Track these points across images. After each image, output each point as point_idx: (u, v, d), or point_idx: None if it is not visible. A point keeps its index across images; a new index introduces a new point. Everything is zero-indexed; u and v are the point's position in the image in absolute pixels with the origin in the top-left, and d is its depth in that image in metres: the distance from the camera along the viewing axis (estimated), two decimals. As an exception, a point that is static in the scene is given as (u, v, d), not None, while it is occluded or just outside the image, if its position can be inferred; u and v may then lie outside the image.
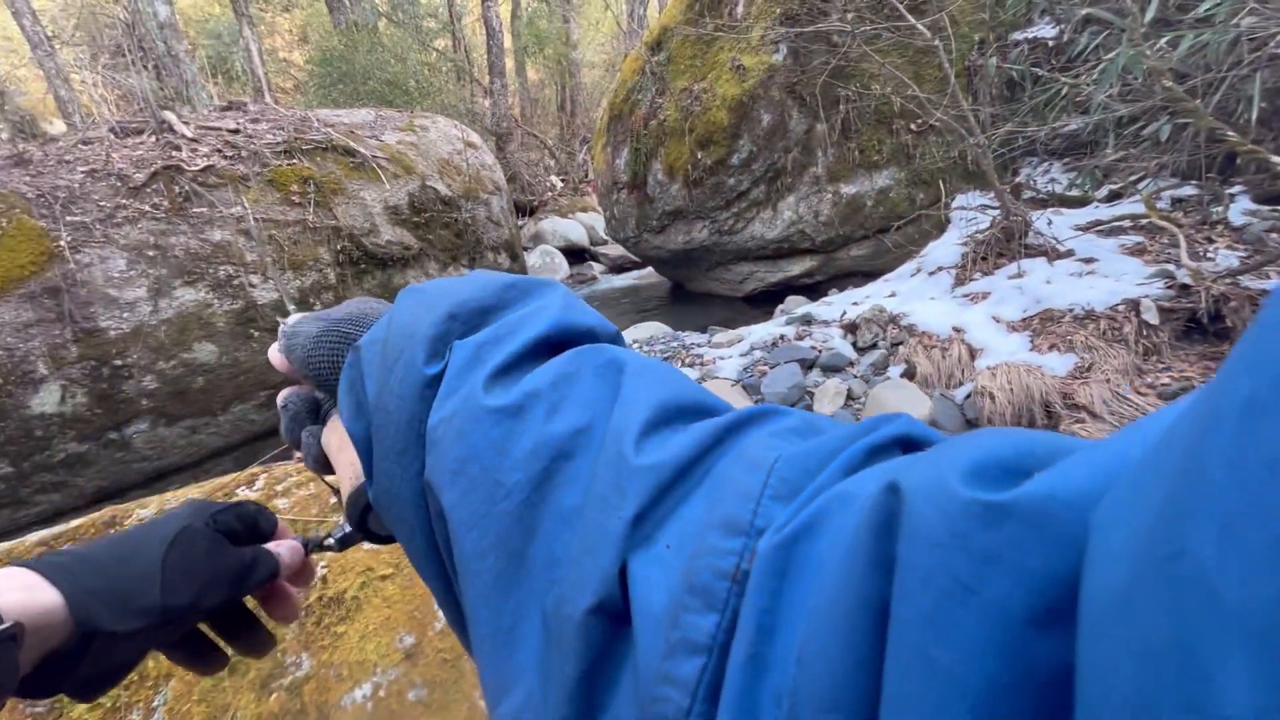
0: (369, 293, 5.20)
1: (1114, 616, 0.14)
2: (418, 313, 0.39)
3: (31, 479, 3.77)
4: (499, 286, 0.40)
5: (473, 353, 0.36)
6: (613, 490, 0.29)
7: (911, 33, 4.33)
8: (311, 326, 0.45)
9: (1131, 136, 4.11)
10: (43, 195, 3.99)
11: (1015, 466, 0.19)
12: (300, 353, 0.44)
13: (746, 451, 0.29)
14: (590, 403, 0.33)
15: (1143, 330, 2.99)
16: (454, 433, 0.34)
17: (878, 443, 0.28)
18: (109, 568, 0.41)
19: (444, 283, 0.41)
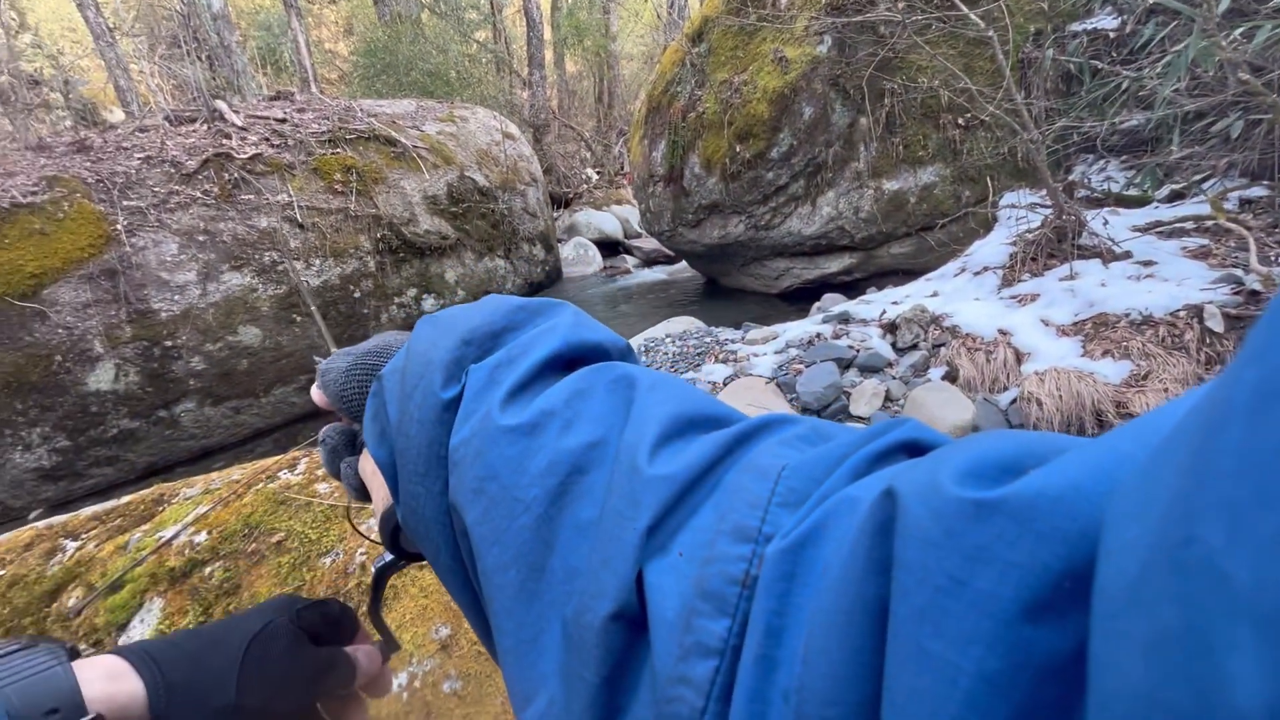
0: (406, 281, 5.29)
1: (1125, 607, 0.13)
2: (434, 340, 0.40)
3: (87, 452, 3.94)
4: (509, 309, 0.42)
5: (488, 375, 0.37)
6: (627, 502, 0.30)
7: (964, 23, 4.18)
8: (341, 362, 0.46)
9: (1198, 134, 3.90)
10: (102, 180, 4.15)
11: (1011, 466, 0.20)
12: (334, 388, 0.46)
13: (755, 460, 0.30)
14: (603, 418, 0.34)
15: (1206, 338, 2.83)
16: (473, 453, 0.35)
17: (883, 448, 0.28)
18: (191, 661, 0.40)
19: (458, 310, 0.43)
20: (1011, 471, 0.19)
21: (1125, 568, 0.14)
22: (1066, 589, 0.16)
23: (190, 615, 0.91)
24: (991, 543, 0.17)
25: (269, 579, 0.95)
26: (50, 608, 0.94)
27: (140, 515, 1.07)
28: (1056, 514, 0.17)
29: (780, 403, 3.23)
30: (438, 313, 0.43)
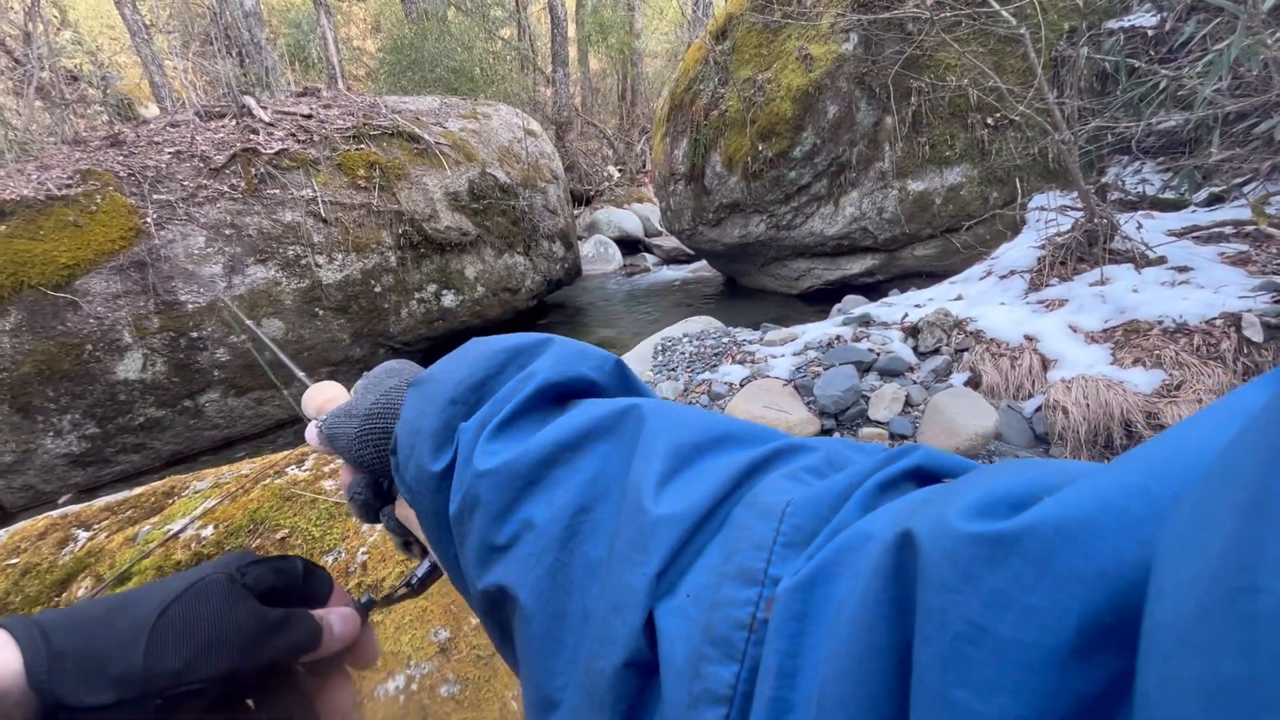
0: (427, 277, 5.33)
1: (1179, 648, 0.13)
2: (420, 407, 0.40)
3: (115, 440, 4.04)
4: (490, 356, 0.41)
5: (474, 437, 0.37)
6: (635, 546, 0.29)
7: (994, 20, 4.07)
8: (349, 427, 0.45)
9: (1240, 135, 3.76)
10: (133, 174, 4.25)
11: (1022, 499, 0.19)
12: (350, 455, 0.46)
13: (760, 497, 0.29)
14: (604, 455, 0.34)
15: (1243, 347, 2.73)
16: (469, 510, 0.35)
17: (890, 477, 0.28)
18: (90, 627, 0.34)
19: (442, 367, 0.42)
20: (1022, 505, 0.19)
21: (1181, 610, 0.13)
22: (1089, 631, 0.16)
23: (195, 609, 0.92)
24: (1009, 586, 0.17)
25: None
26: (60, 597, 0.95)
27: (150, 507, 1.08)
28: (1072, 555, 0.16)
29: (797, 405, 3.19)
30: (427, 372, 0.43)
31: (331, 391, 0.53)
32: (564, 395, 0.40)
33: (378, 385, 0.48)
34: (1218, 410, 0.18)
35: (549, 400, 0.39)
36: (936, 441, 2.79)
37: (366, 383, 0.49)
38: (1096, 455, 2.73)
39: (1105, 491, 0.17)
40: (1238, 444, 0.15)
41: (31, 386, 3.72)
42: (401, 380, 0.48)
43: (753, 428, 0.36)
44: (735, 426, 0.35)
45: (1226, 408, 0.18)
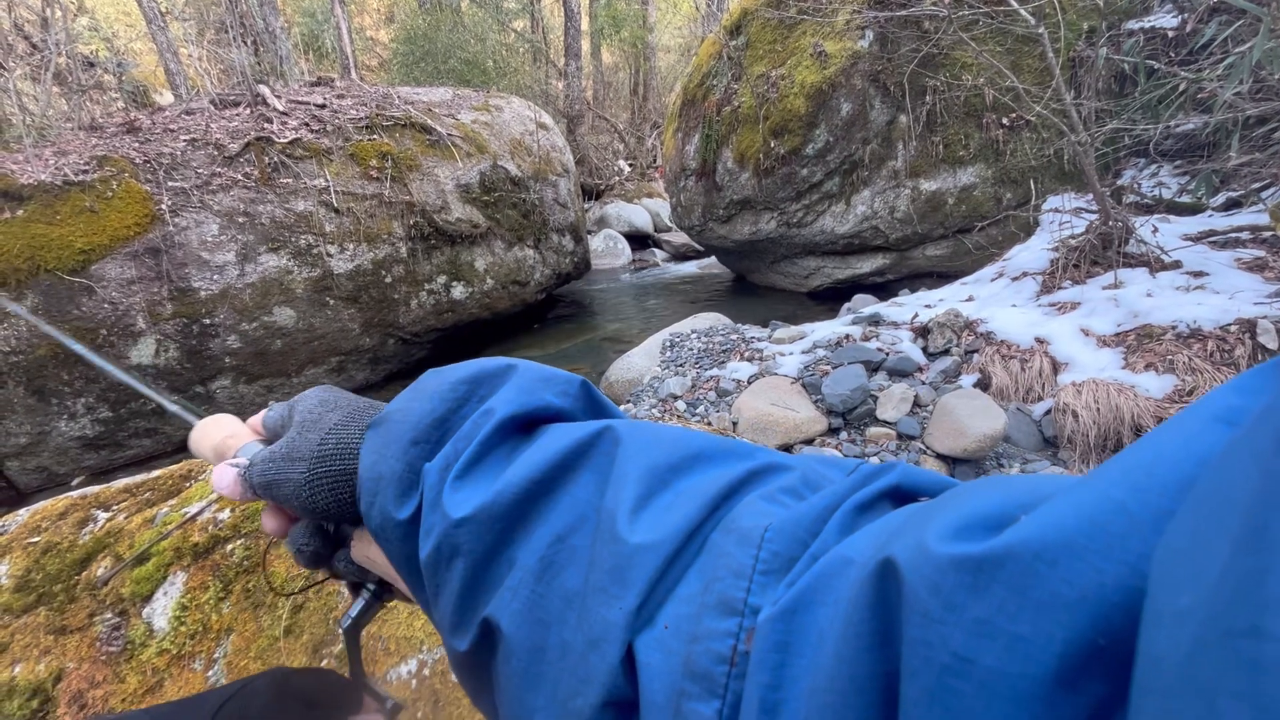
0: (437, 268, 5.34)
1: (1178, 685, 0.13)
2: (381, 450, 0.38)
3: (128, 424, 4.09)
4: (449, 388, 0.40)
5: (439, 480, 0.36)
6: (612, 578, 0.29)
7: (1012, 19, 4.04)
8: (295, 472, 0.41)
9: (1260, 139, 3.71)
10: (149, 161, 4.28)
11: (999, 518, 0.19)
12: (299, 503, 0.42)
13: (738, 521, 0.29)
14: (578, 483, 0.33)
15: (1258, 354, 2.70)
16: (446, 558, 0.34)
17: (868, 498, 0.28)
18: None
19: (401, 404, 0.40)
20: (1001, 524, 0.19)
21: (1177, 640, 0.13)
22: (1075, 659, 0.16)
23: (211, 590, 0.93)
24: (993, 616, 0.17)
25: (287, 559, 0.97)
26: (80, 576, 0.97)
27: (168, 490, 1.09)
28: (1053, 579, 0.16)
29: (805, 403, 3.19)
30: (384, 410, 0.41)
31: (230, 427, 0.49)
32: (530, 423, 0.38)
33: (315, 422, 0.43)
34: (1192, 416, 0.18)
35: (514, 431, 0.38)
36: (945, 443, 2.79)
37: (301, 418, 0.44)
38: (1106, 459, 2.71)
39: (1082, 509, 0.17)
40: (1229, 463, 0.14)
41: (46, 370, 3.76)
42: (343, 415, 0.44)
43: (727, 444, 0.35)
44: (709, 444, 0.35)
45: (1201, 413, 0.17)
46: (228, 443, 0.47)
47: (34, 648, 0.89)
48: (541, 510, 0.33)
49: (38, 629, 0.91)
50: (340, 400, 0.46)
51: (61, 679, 0.86)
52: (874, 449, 2.95)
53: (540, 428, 0.38)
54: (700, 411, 3.41)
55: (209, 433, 0.48)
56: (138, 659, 0.87)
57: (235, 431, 0.48)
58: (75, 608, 0.92)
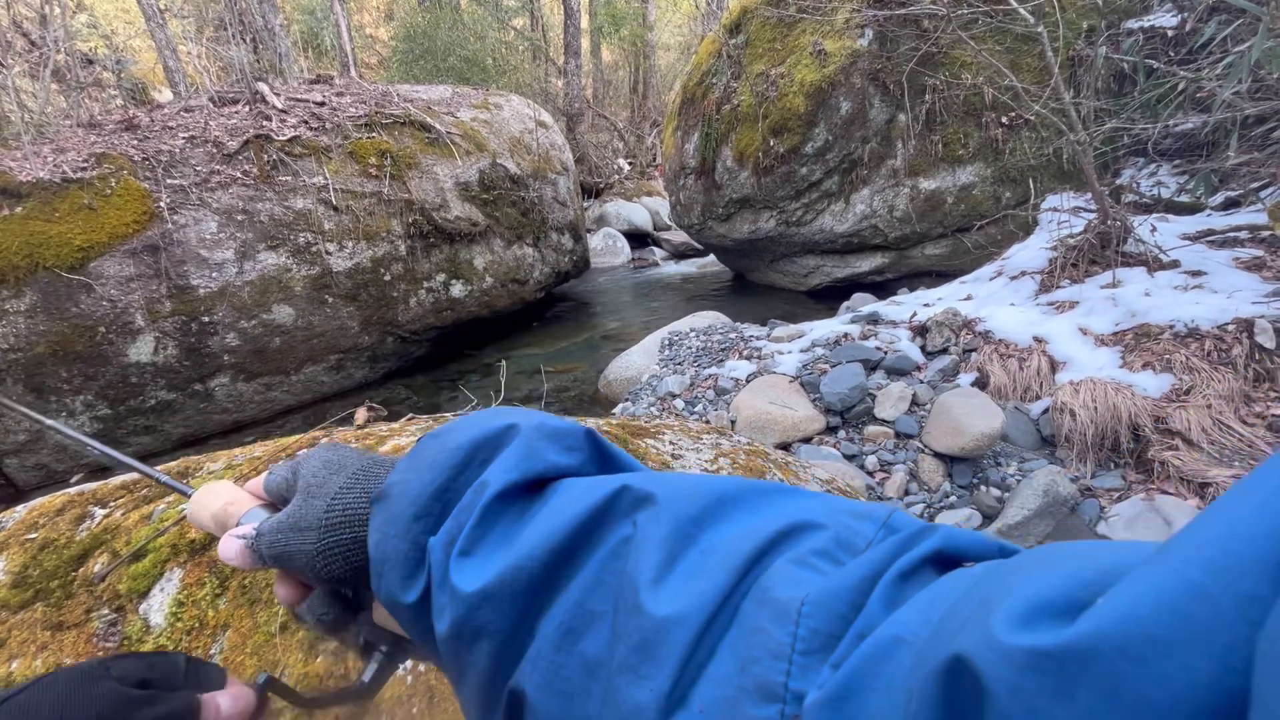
0: (436, 266, 5.34)
1: None
2: (385, 529, 0.37)
3: (126, 421, 4.09)
4: (447, 456, 0.38)
5: (444, 556, 0.35)
6: (640, 655, 0.27)
7: (1012, 18, 4.03)
8: (305, 543, 0.40)
9: (1259, 139, 3.72)
10: (148, 158, 4.27)
11: (1073, 601, 0.18)
12: (312, 573, 0.41)
13: (771, 591, 0.27)
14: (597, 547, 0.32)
15: (1255, 353, 2.71)
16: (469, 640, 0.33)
17: (909, 566, 0.26)
18: None
19: (401, 477, 0.39)
20: (1075, 608, 0.18)
21: None
22: None
23: (208, 586, 0.93)
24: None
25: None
26: (77, 572, 0.97)
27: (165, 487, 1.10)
28: (1143, 681, 0.15)
29: (803, 402, 3.19)
30: (385, 484, 0.39)
31: (228, 493, 0.47)
32: (536, 483, 0.37)
33: (320, 487, 0.42)
34: (1262, 481, 0.17)
35: (519, 496, 0.36)
36: (942, 441, 2.79)
37: (305, 483, 0.43)
38: (1103, 458, 2.72)
39: (1162, 595, 0.16)
40: None
41: (45, 367, 3.76)
42: (347, 478, 0.42)
43: (750, 485, 0.34)
44: (731, 487, 0.33)
45: (1268, 483, 0.17)
46: (229, 510, 0.45)
47: (31, 643, 0.89)
48: (562, 580, 0.32)
49: (34, 625, 0.91)
50: (344, 460, 0.44)
51: (58, 675, 0.86)
52: (872, 447, 2.95)
53: (550, 486, 0.37)
54: (699, 410, 3.41)
55: (207, 502, 0.46)
56: (135, 647, 0.87)
57: (235, 498, 0.46)
58: (72, 604, 0.93)
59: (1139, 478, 2.60)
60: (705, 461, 1.38)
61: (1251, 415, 2.58)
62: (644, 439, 1.41)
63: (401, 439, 1.16)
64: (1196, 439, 2.52)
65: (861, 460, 2.89)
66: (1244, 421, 2.55)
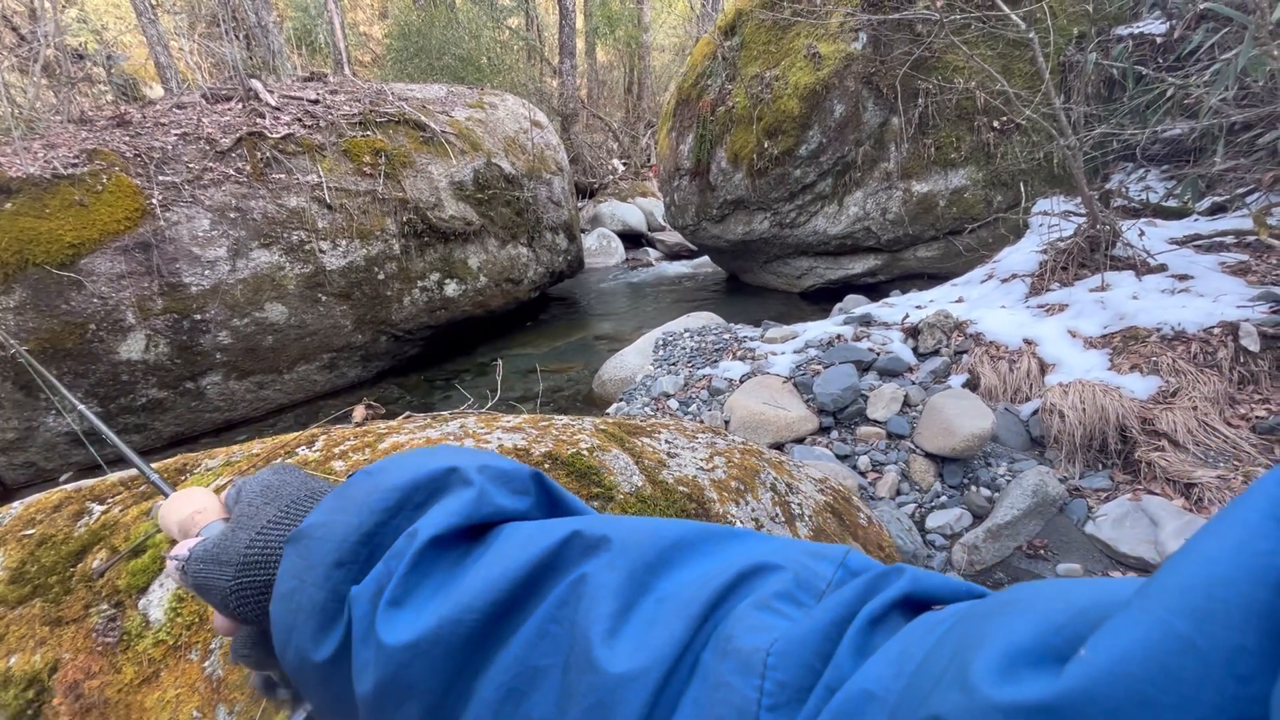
0: (430, 265, 5.33)
1: None
2: (300, 574, 0.34)
3: (116, 420, 4.06)
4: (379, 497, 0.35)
5: (370, 608, 0.31)
6: (594, 717, 0.25)
7: (1004, 24, 4.08)
8: (222, 579, 0.37)
9: (1245, 145, 3.77)
10: (139, 155, 4.25)
11: (1053, 648, 0.18)
12: (225, 611, 0.38)
13: (734, 640, 0.25)
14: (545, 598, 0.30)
15: (1240, 356, 2.75)
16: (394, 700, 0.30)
17: (880, 610, 0.25)
18: None
19: (323, 518, 0.35)
20: (1051, 657, 0.17)
21: None
22: None
23: (207, 582, 0.94)
24: None
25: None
26: (76, 568, 0.97)
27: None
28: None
29: (796, 402, 3.21)
30: (304, 524, 0.36)
31: (199, 501, 0.43)
32: (477, 529, 0.34)
33: (250, 518, 0.39)
34: (1240, 514, 0.16)
35: (460, 540, 0.33)
36: (934, 442, 2.82)
37: (240, 511, 0.40)
38: (1091, 459, 2.76)
39: (1150, 649, 0.15)
40: None
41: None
42: (280, 509, 0.39)
43: (705, 529, 0.32)
44: (687, 531, 0.31)
45: (1251, 511, 0.16)
46: (194, 519, 0.42)
47: (29, 639, 0.89)
48: (504, 634, 0.29)
49: (33, 620, 0.91)
50: (284, 488, 0.41)
51: (57, 670, 0.87)
52: (864, 447, 2.98)
53: (492, 531, 0.34)
54: (693, 410, 3.43)
55: (177, 507, 0.43)
56: (134, 650, 0.88)
57: (204, 507, 0.43)
58: (71, 599, 0.93)
59: (1126, 478, 2.63)
60: (700, 460, 1.40)
61: (1236, 417, 2.62)
62: (640, 437, 1.42)
63: (400, 436, 1.17)
64: (1182, 440, 2.56)
65: (854, 460, 2.91)
66: (1228, 423, 2.60)
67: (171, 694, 0.85)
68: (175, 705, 0.84)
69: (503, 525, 0.35)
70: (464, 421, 1.33)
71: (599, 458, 1.22)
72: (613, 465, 1.22)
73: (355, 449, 1.12)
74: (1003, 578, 2.30)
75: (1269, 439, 2.49)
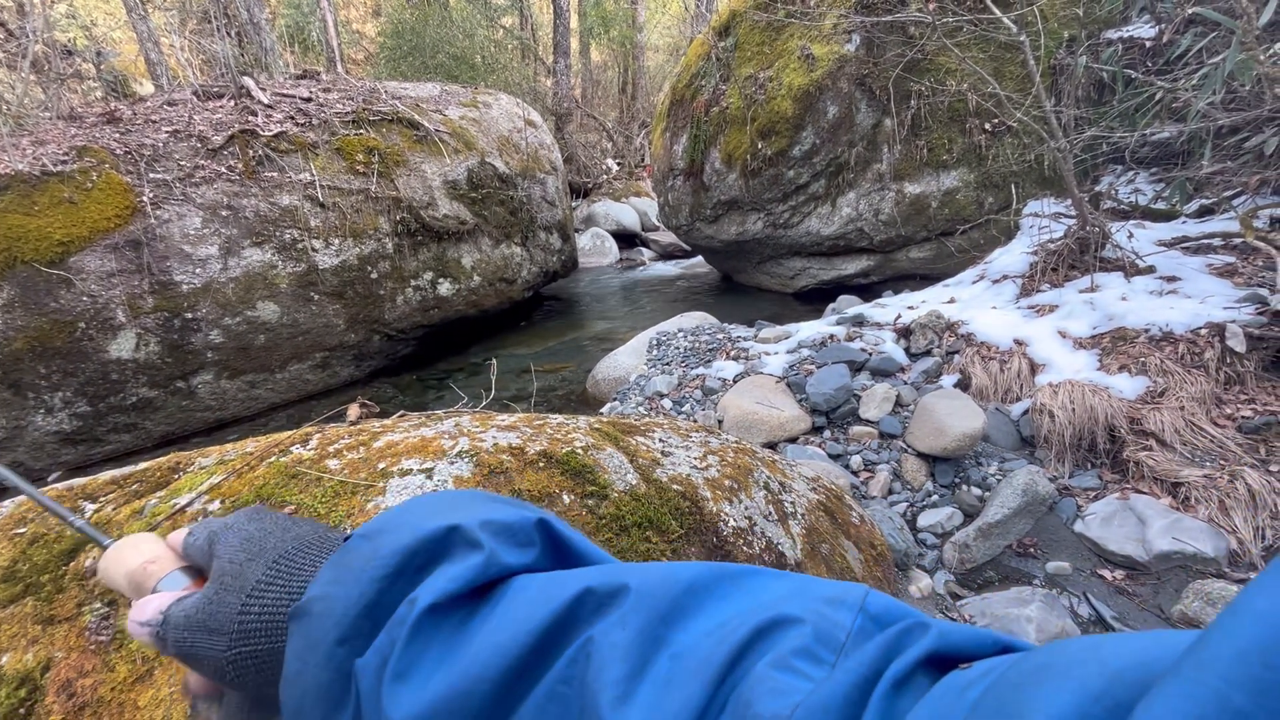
0: (423, 265, 5.32)
1: None
2: (304, 656, 0.32)
3: (106, 419, 4.03)
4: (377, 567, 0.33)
5: (376, 682, 0.30)
6: None
7: (995, 27, 4.11)
8: (216, 648, 0.35)
9: (1231, 149, 3.82)
10: (130, 152, 4.21)
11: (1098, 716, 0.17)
12: (223, 681, 0.36)
13: (754, 706, 0.24)
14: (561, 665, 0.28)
15: (1226, 357, 2.79)
16: None
17: (903, 673, 0.24)
18: None
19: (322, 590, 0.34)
20: None
21: None
22: None
23: (201, 581, 0.94)
24: None
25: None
26: (68, 566, 0.97)
27: (156, 482, 1.10)
28: None
29: (790, 402, 3.23)
30: (304, 600, 0.34)
31: (149, 550, 0.40)
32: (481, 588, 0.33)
33: (236, 578, 0.36)
34: None
35: (461, 602, 0.32)
36: (925, 442, 2.84)
37: (220, 568, 0.37)
38: (1080, 458, 2.78)
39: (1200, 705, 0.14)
40: None
41: (23, 363, 3.70)
42: (267, 569, 0.37)
43: (719, 571, 0.31)
44: (702, 574, 0.30)
45: None
46: (147, 570, 0.39)
47: (21, 637, 0.89)
48: (513, 701, 0.28)
49: (25, 619, 0.91)
50: (265, 539, 0.38)
51: (50, 668, 0.87)
52: (856, 447, 3.00)
53: (498, 588, 0.33)
54: (686, 409, 3.44)
55: (124, 558, 0.40)
56: (127, 648, 0.88)
57: (156, 556, 0.39)
58: (63, 598, 0.93)
59: (1115, 477, 2.66)
60: (694, 459, 1.40)
61: (1222, 417, 2.66)
62: (634, 437, 1.43)
63: (395, 435, 1.17)
64: (1170, 440, 2.59)
65: (846, 460, 2.93)
66: (1215, 423, 2.63)
67: (165, 692, 0.85)
68: (169, 704, 0.83)
69: (510, 580, 0.33)
70: (458, 420, 1.33)
71: (593, 456, 1.23)
72: (607, 464, 1.22)
73: (350, 447, 1.12)
74: (993, 575, 2.32)
75: (1254, 439, 2.53)
